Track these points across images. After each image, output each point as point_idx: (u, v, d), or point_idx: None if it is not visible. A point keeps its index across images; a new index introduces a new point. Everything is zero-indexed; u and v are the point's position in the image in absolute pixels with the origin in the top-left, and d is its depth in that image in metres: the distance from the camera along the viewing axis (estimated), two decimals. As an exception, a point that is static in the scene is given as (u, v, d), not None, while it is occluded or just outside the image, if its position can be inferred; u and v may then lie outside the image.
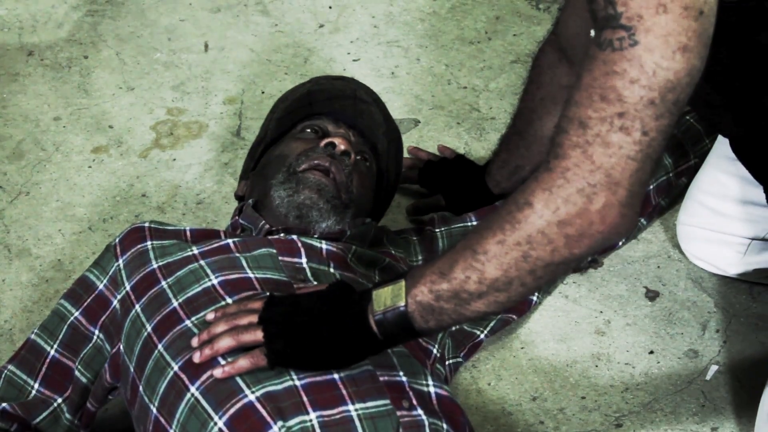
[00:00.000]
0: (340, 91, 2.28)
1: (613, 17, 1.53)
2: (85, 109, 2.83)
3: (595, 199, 1.56)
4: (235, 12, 3.14)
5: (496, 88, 2.86)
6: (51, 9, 3.14)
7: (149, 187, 2.63)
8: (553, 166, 1.58)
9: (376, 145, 2.26)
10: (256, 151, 2.30)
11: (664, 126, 1.55)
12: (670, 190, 2.45)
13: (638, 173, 1.56)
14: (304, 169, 2.10)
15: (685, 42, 1.52)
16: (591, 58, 1.56)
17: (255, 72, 2.94)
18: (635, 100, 1.53)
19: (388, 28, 3.06)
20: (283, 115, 2.29)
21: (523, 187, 1.61)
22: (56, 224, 2.54)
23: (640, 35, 1.52)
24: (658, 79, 1.52)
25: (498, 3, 3.12)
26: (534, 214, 1.58)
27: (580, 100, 1.56)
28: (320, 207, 2.07)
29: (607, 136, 1.54)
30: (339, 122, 2.23)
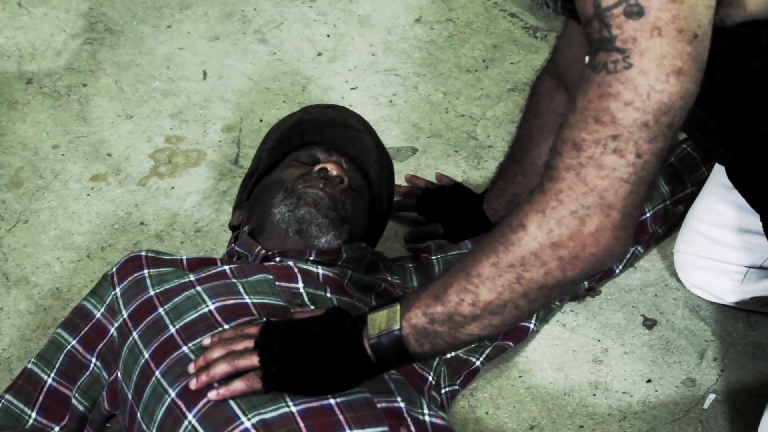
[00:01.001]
0: (331, 119, 2.30)
1: (608, 40, 1.54)
2: (83, 137, 2.84)
3: (588, 221, 1.56)
4: (234, 40, 3.15)
5: (494, 116, 2.87)
6: (50, 37, 3.15)
7: (147, 215, 2.63)
8: (547, 188, 1.58)
9: (368, 172, 2.27)
10: (249, 181, 2.31)
11: (658, 149, 1.55)
12: (667, 218, 2.46)
13: (632, 196, 1.56)
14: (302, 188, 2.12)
15: (679, 65, 1.53)
16: (586, 81, 1.57)
17: (253, 100, 2.94)
18: (629, 123, 1.53)
19: (385, 57, 3.07)
20: (275, 144, 2.30)
21: (517, 210, 1.61)
22: (54, 252, 2.54)
23: (635, 58, 1.53)
24: (652, 102, 1.53)
25: (495, 31, 3.13)
26: (527, 236, 1.58)
27: (574, 122, 1.57)
28: (319, 222, 2.09)
29: (600, 158, 1.54)
30: (331, 151, 2.25)
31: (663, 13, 1.52)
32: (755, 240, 2.24)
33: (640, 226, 2.36)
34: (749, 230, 2.25)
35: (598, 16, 1.55)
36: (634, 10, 1.52)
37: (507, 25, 3.15)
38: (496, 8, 3.21)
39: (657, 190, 2.40)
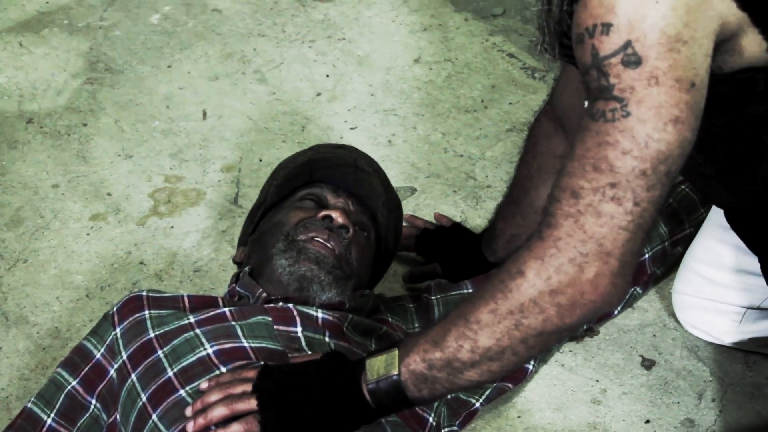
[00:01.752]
0: (340, 159, 2.29)
1: (606, 89, 1.55)
2: (83, 176, 2.85)
3: (586, 268, 1.57)
4: (233, 80, 3.16)
5: (492, 156, 2.88)
6: (50, 77, 3.17)
7: (147, 254, 2.64)
8: (546, 236, 1.59)
9: (375, 215, 2.27)
10: (255, 215, 2.31)
11: (656, 197, 1.56)
12: (665, 259, 2.46)
13: (630, 243, 1.57)
14: (304, 239, 2.11)
15: (677, 114, 1.54)
16: (584, 129, 1.58)
17: (252, 140, 2.95)
18: (627, 171, 1.54)
19: (384, 97, 3.09)
20: (284, 181, 2.30)
21: (516, 256, 1.62)
22: (54, 292, 2.54)
23: (633, 107, 1.54)
24: (650, 151, 1.54)
25: (494, 72, 3.15)
26: (526, 282, 1.59)
27: (572, 170, 1.58)
28: (321, 279, 2.08)
29: (599, 206, 1.55)
30: (339, 191, 2.24)
31: (661, 63, 1.53)
32: (753, 281, 2.24)
33: (638, 267, 2.36)
34: (747, 271, 2.25)
35: (596, 65, 1.56)
36: (632, 59, 1.53)
37: (505, 66, 3.17)
38: (494, 49, 3.23)
39: (655, 231, 2.41)
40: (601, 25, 1.55)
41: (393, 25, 3.34)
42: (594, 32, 1.56)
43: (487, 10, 3.38)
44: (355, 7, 3.42)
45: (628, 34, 1.54)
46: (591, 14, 1.57)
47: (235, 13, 3.41)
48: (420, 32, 3.30)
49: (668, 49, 1.53)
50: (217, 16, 3.40)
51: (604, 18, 1.55)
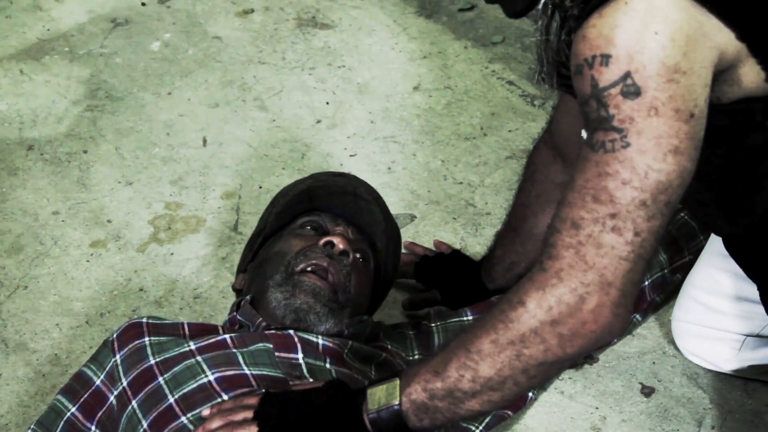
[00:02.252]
0: (340, 187, 2.30)
1: (606, 119, 1.56)
2: (83, 203, 2.85)
3: (588, 299, 1.57)
4: (234, 107, 3.17)
5: (492, 183, 2.88)
6: (51, 104, 3.18)
7: (147, 281, 2.64)
8: (547, 266, 1.60)
9: (375, 243, 2.27)
10: (255, 242, 2.31)
11: (656, 227, 1.57)
12: (665, 286, 2.46)
13: (630, 273, 1.58)
14: (302, 269, 2.11)
15: (676, 144, 1.55)
16: (584, 160, 1.58)
17: (253, 167, 2.96)
18: (627, 201, 1.55)
19: (384, 124, 3.09)
20: (283, 209, 2.30)
21: (517, 287, 1.63)
22: (54, 318, 2.54)
23: (632, 137, 1.55)
24: (650, 181, 1.55)
25: (493, 99, 3.16)
26: (527, 313, 1.60)
27: (572, 201, 1.58)
28: (317, 311, 2.08)
29: (599, 236, 1.56)
30: (338, 219, 2.25)
31: (660, 93, 1.54)
32: (752, 308, 2.25)
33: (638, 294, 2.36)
34: (746, 299, 2.25)
35: (595, 96, 1.57)
36: (631, 90, 1.54)
37: (505, 93, 3.18)
38: (493, 76, 3.24)
39: (655, 258, 2.41)
40: (600, 56, 1.56)
41: (393, 52, 3.35)
42: (593, 63, 1.57)
43: (486, 37, 3.39)
44: (355, 34, 3.43)
45: (628, 65, 1.55)
46: (590, 45, 1.57)
47: (236, 41, 3.42)
48: (419, 60, 3.32)
49: (667, 79, 1.54)
50: (217, 44, 3.41)
51: (603, 49, 1.56)
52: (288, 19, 3.51)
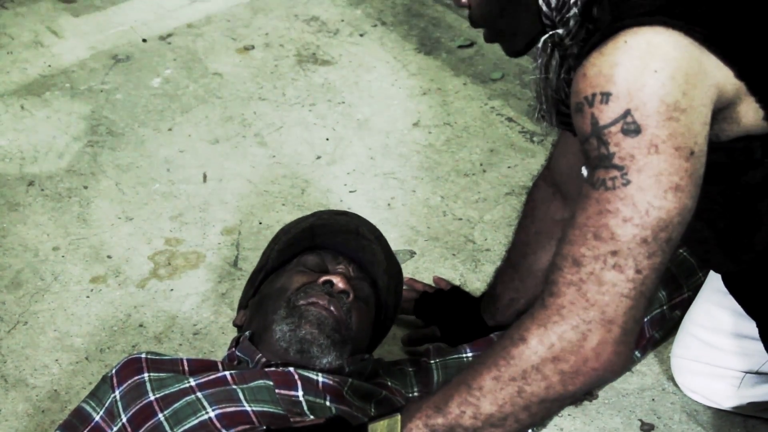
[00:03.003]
0: (342, 226, 2.31)
1: (606, 157, 1.57)
2: (84, 239, 2.86)
3: (589, 336, 1.58)
4: (234, 143, 3.18)
5: (491, 219, 2.89)
6: (52, 140, 3.19)
7: (146, 317, 2.64)
8: (548, 303, 1.60)
9: (376, 281, 2.27)
10: (256, 278, 2.31)
11: (657, 264, 1.57)
12: (664, 322, 2.47)
13: (632, 311, 1.58)
14: (305, 303, 2.11)
15: (676, 182, 1.55)
16: (584, 197, 1.59)
17: (252, 203, 2.97)
18: (628, 239, 1.56)
19: (384, 160, 3.10)
20: (285, 246, 2.31)
21: (519, 324, 1.63)
22: (53, 354, 2.54)
23: (633, 175, 1.55)
24: (651, 218, 1.55)
25: (492, 136, 3.17)
26: (528, 349, 1.60)
27: (573, 238, 1.59)
28: (321, 343, 2.08)
29: (600, 274, 1.56)
30: (339, 257, 2.25)
31: (660, 131, 1.55)
32: (752, 345, 2.25)
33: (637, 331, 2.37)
34: (746, 335, 2.26)
35: (595, 134, 1.58)
36: (631, 127, 1.55)
37: (504, 130, 3.19)
38: (493, 113, 3.25)
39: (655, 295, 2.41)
40: (600, 94, 1.57)
41: (392, 89, 3.37)
42: (593, 101, 1.58)
43: (485, 74, 3.41)
44: (355, 71, 3.45)
45: (628, 103, 1.56)
46: (590, 83, 1.58)
47: (236, 77, 3.44)
48: (419, 96, 3.33)
49: (667, 117, 1.55)
50: (217, 80, 3.43)
51: (604, 87, 1.57)
52: (288, 55, 3.53)
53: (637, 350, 2.44)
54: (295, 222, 2.39)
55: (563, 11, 1.80)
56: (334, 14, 3.71)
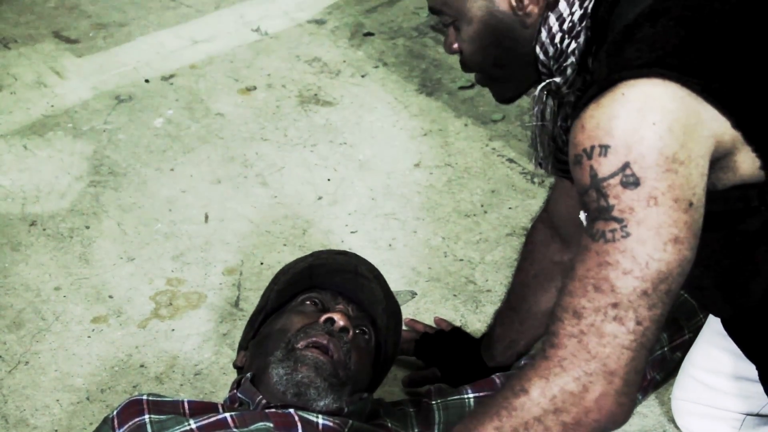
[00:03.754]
0: (341, 265, 2.31)
1: (606, 209, 1.58)
2: (85, 279, 2.86)
3: (591, 388, 1.58)
4: (236, 183, 3.19)
5: (492, 260, 2.89)
6: (54, 179, 3.20)
7: (148, 357, 2.64)
8: (550, 355, 1.61)
9: (375, 321, 2.28)
10: (256, 319, 2.32)
11: (657, 315, 1.58)
12: (664, 364, 2.47)
13: (633, 362, 1.59)
14: (303, 346, 2.12)
15: (676, 233, 1.56)
16: (584, 249, 1.60)
17: (254, 243, 2.97)
18: (628, 291, 1.56)
19: (385, 201, 3.11)
20: (285, 286, 2.31)
21: (521, 373, 1.63)
22: (54, 394, 2.54)
23: (632, 227, 1.56)
24: (651, 271, 1.56)
25: (493, 176, 3.18)
26: (530, 401, 1.60)
27: (573, 290, 1.60)
28: (317, 385, 2.08)
29: (601, 326, 1.57)
30: (339, 296, 2.26)
31: (659, 183, 1.56)
32: (752, 387, 2.25)
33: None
34: (746, 378, 2.25)
35: (595, 186, 1.59)
36: (630, 180, 1.56)
37: (505, 171, 3.20)
38: (494, 154, 3.26)
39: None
40: (599, 147, 1.58)
41: (394, 129, 3.38)
42: (592, 154, 1.59)
43: (486, 115, 3.42)
44: (357, 112, 3.46)
45: (626, 155, 1.57)
46: (589, 136, 1.59)
47: (238, 118, 3.45)
48: (420, 137, 3.34)
49: (666, 169, 1.56)
50: (219, 120, 3.44)
51: (602, 140, 1.58)
52: (290, 96, 3.54)
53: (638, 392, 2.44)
54: (294, 262, 2.40)
55: (560, 60, 1.82)
56: (335, 55, 3.73)
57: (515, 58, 1.87)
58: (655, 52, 1.60)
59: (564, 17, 1.80)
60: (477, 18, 1.85)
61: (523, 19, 1.82)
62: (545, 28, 1.81)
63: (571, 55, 1.81)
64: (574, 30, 1.80)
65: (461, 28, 1.89)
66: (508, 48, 1.86)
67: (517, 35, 1.84)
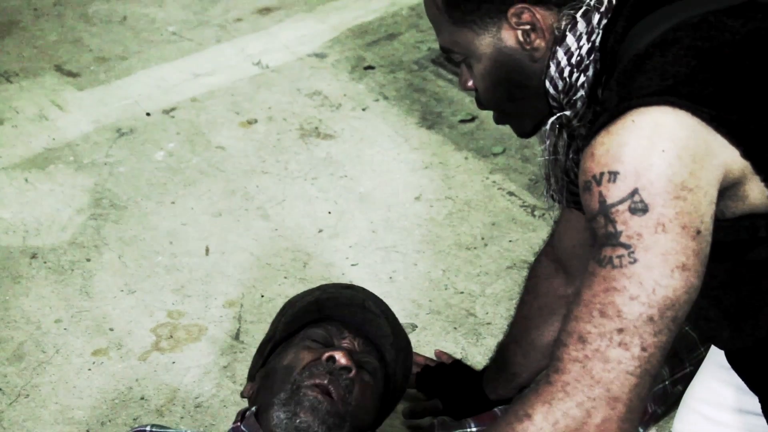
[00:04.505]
0: (348, 299, 2.31)
1: (613, 235, 1.58)
2: (86, 311, 2.86)
3: (594, 413, 1.58)
4: (236, 216, 3.19)
5: (493, 293, 2.90)
6: (55, 212, 3.20)
7: (148, 390, 2.64)
8: (553, 380, 1.60)
9: (383, 355, 2.27)
10: (265, 349, 2.32)
11: (663, 342, 1.58)
12: (666, 397, 2.46)
13: (637, 388, 1.58)
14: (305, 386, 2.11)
15: (683, 261, 1.56)
16: (591, 274, 1.60)
17: (255, 276, 2.98)
18: (634, 317, 1.56)
19: (386, 234, 3.12)
20: (292, 319, 2.31)
21: (523, 399, 1.63)
22: (55, 427, 2.54)
23: (640, 253, 1.56)
24: (657, 297, 1.56)
25: (494, 210, 3.19)
26: (533, 426, 1.60)
27: (579, 315, 1.60)
28: (315, 430, 2.07)
29: (606, 351, 1.57)
30: (345, 330, 2.25)
31: (667, 210, 1.56)
32: (754, 421, 2.24)
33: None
34: (748, 411, 2.25)
35: (603, 212, 1.59)
36: (639, 206, 1.57)
37: (505, 204, 3.21)
38: (494, 187, 3.27)
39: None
40: (608, 173, 1.59)
41: (394, 162, 3.39)
42: (601, 180, 1.59)
43: (487, 149, 3.43)
44: (357, 145, 3.47)
45: (635, 182, 1.57)
46: (598, 162, 1.60)
47: (239, 151, 3.46)
48: (421, 170, 3.35)
49: (674, 196, 1.57)
50: (221, 153, 3.45)
51: (611, 166, 1.59)
52: (291, 129, 3.55)
53: (639, 425, 2.44)
54: (301, 295, 2.40)
55: (570, 93, 1.83)
56: (336, 89, 3.74)
57: (527, 93, 1.87)
58: (665, 81, 1.61)
59: (572, 51, 1.81)
60: (486, 55, 1.86)
61: (531, 54, 1.83)
62: (554, 62, 1.82)
63: (580, 88, 1.82)
64: (583, 63, 1.81)
65: (472, 65, 1.89)
66: (519, 83, 1.87)
67: (527, 70, 1.85)
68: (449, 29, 1.88)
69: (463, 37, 1.87)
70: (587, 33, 1.80)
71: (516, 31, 1.82)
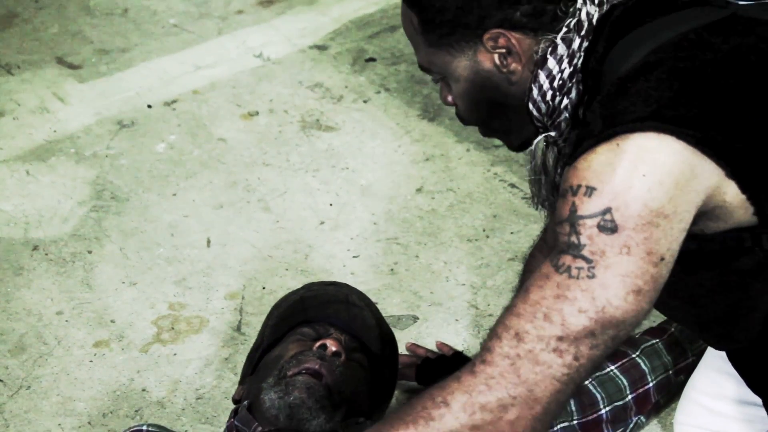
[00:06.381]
0: (332, 296, 2.33)
1: (576, 246, 1.58)
2: (87, 303, 2.86)
3: (510, 410, 1.58)
4: (238, 208, 3.19)
5: (494, 285, 2.89)
6: (57, 204, 3.20)
7: (149, 381, 2.64)
8: (478, 371, 1.60)
9: (369, 348, 2.29)
10: (254, 356, 2.34)
11: (597, 356, 1.59)
12: (669, 387, 2.46)
13: (559, 394, 1.59)
14: (294, 373, 2.12)
15: (640, 285, 1.57)
16: (544, 277, 1.60)
17: (256, 268, 2.98)
18: (577, 329, 1.57)
19: (387, 226, 3.11)
20: (278, 321, 2.33)
21: (443, 385, 1.63)
22: (56, 419, 2.54)
23: (599, 270, 1.57)
24: (605, 315, 1.57)
25: (495, 201, 3.18)
26: (449, 414, 1.60)
27: (522, 313, 1.60)
28: (309, 406, 2.09)
29: (539, 354, 1.57)
30: (332, 328, 2.27)
31: (636, 234, 1.57)
32: (754, 411, 2.24)
33: (643, 396, 2.38)
34: (749, 402, 2.25)
35: (570, 221, 1.60)
36: (608, 225, 1.57)
37: (507, 195, 3.20)
38: (496, 179, 3.27)
39: (660, 360, 2.42)
40: (585, 187, 1.59)
41: (396, 154, 3.39)
42: (577, 192, 1.60)
43: (488, 140, 3.43)
44: (359, 137, 3.47)
45: (610, 201, 1.58)
46: (578, 176, 1.61)
47: (240, 143, 3.46)
48: (422, 162, 3.35)
49: (647, 222, 1.57)
50: (222, 146, 3.45)
51: (590, 182, 1.59)
52: (292, 121, 3.55)
53: (641, 415, 2.44)
54: (286, 296, 2.43)
55: (554, 116, 1.83)
56: (337, 81, 3.74)
57: (508, 110, 1.88)
58: (649, 107, 1.61)
59: (554, 75, 1.81)
60: (464, 77, 1.87)
61: (508, 77, 1.84)
62: (536, 85, 1.82)
63: (564, 110, 1.82)
64: (565, 87, 1.81)
65: (451, 85, 1.90)
66: (499, 103, 1.88)
67: (505, 92, 1.85)
68: (426, 50, 1.88)
69: (440, 59, 1.87)
70: (568, 56, 1.80)
71: (492, 55, 1.83)
